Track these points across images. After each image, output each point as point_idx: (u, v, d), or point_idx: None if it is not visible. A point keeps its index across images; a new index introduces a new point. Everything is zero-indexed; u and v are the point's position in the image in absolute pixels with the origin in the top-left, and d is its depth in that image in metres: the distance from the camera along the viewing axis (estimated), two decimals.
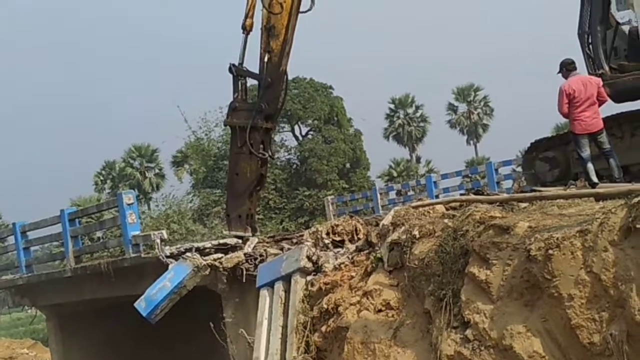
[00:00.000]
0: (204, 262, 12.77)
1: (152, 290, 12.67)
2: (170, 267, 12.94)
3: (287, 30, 13.44)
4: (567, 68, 11.24)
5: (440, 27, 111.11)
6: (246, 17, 13.79)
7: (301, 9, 13.57)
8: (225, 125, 13.96)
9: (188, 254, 13.01)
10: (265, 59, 13.63)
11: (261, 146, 13.71)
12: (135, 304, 12.68)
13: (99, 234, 25.18)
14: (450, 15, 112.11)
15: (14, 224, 18.78)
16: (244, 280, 12.47)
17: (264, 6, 13.49)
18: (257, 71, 13.87)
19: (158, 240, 13.49)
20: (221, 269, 12.75)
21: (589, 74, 12.28)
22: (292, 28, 13.53)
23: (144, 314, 12.63)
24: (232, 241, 13.47)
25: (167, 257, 13.19)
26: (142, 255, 14.11)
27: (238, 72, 13.86)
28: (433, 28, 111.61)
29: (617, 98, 12.40)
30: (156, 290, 12.63)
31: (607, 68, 12.45)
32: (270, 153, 14.17)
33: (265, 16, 13.54)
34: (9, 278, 19.47)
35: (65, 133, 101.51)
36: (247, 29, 13.81)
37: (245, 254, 12.82)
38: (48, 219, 17.69)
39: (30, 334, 36.58)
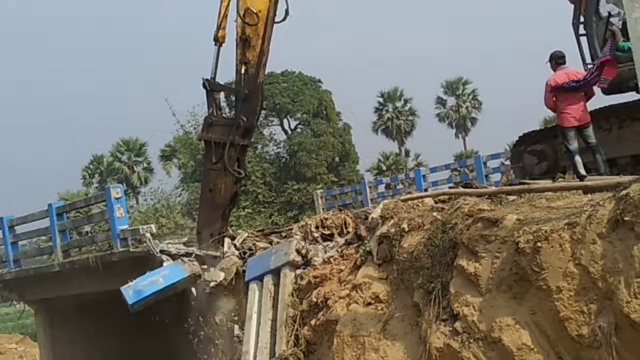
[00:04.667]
0: (200, 271, 12.68)
1: (142, 281, 12.54)
2: (165, 264, 12.82)
3: (263, 41, 13.14)
4: (556, 62, 11.23)
5: (429, 21, 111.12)
6: (218, 28, 13.41)
7: (276, 19, 13.25)
8: (199, 140, 13.63)
9: (186, 258, 12.89)
10: (242, 71, 13.36)
11: (236, 163, 13.49)
12: (122, 289, 12.47)
13: (87, 228, 25.07)
14: (440, 10, 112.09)
15: (1, 218, 18.66)
16: None
17: (239, 16, 13.15)
18: (231, 83, 13.58)
19: (149, 235, 13.42)
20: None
21: (583, 63, 12.31)
22: (269, 39, 13.27)
23: (130, 302, 12.46)
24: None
25: (162, 252, 13.10)
26: (131, 249, 14.06)
27: (212, 87, 13.52)
28: (422, 21, 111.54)
29: (610, 89, 12.42)
30: (147, 282, 12.52)
31: None
32: (245, 172, 13.94)
33: (240, 27, 13.19)
34: None
35: (53, 128, 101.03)
36: (219, 41, 13.44)
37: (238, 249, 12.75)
38: (36, 214, 17.61)
39: (18, 329, 36.44)
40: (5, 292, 19.62)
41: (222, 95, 14.09)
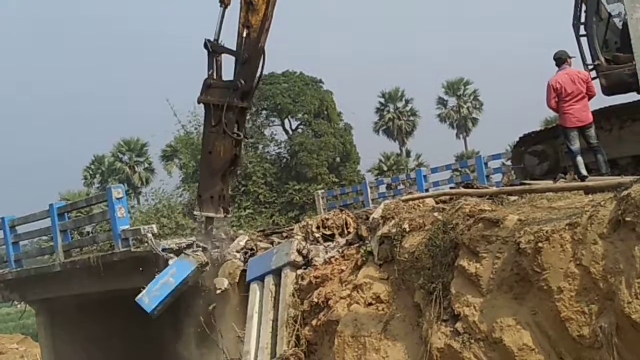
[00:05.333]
0: (206, 260, 12.68)
1: (154, 285, 12.51)
2: (171, 262, 12.81)
3: (267, 5, 13.10)
4: (556, 63, 11.26)
5: (429, 21, 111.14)
6: None
7: None
8: (198, 102, 13.61)
9: (188, 250, 12.89)
10: (244, 34, 13.34)
11: (235, 126, 13.49)
12: (137, 299, 12.48)
13: (88, 228, 25.11)
14: (440, 10, 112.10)
15: (2, 218, 18.68)
16: None
17: None
18: (233, 46, 13.63)
19: (150, 235, 13.43)
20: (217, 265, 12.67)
21: (583, 63, 12.31)
22: (273, 4, 13.22)
23: (148, 310, 12.44)
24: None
25: (165, 250, 13.09)
26: (132, 249, 14.07)
27: (214, 48, 13.52)
28: (422, 21, 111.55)
29: (611, 89, 12.42)
30: (159, 285, 12.49)
31: (602, 59, 12.47)
32: (244, 133, 13.92)
33: None
34: None
35: (53, 128, 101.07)
36: (224, 3, 13.34)
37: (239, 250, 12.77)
38: (37, 214, 17.62)
39: (19, 329, 36.52)
40: (6, 292, 19.65)
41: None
